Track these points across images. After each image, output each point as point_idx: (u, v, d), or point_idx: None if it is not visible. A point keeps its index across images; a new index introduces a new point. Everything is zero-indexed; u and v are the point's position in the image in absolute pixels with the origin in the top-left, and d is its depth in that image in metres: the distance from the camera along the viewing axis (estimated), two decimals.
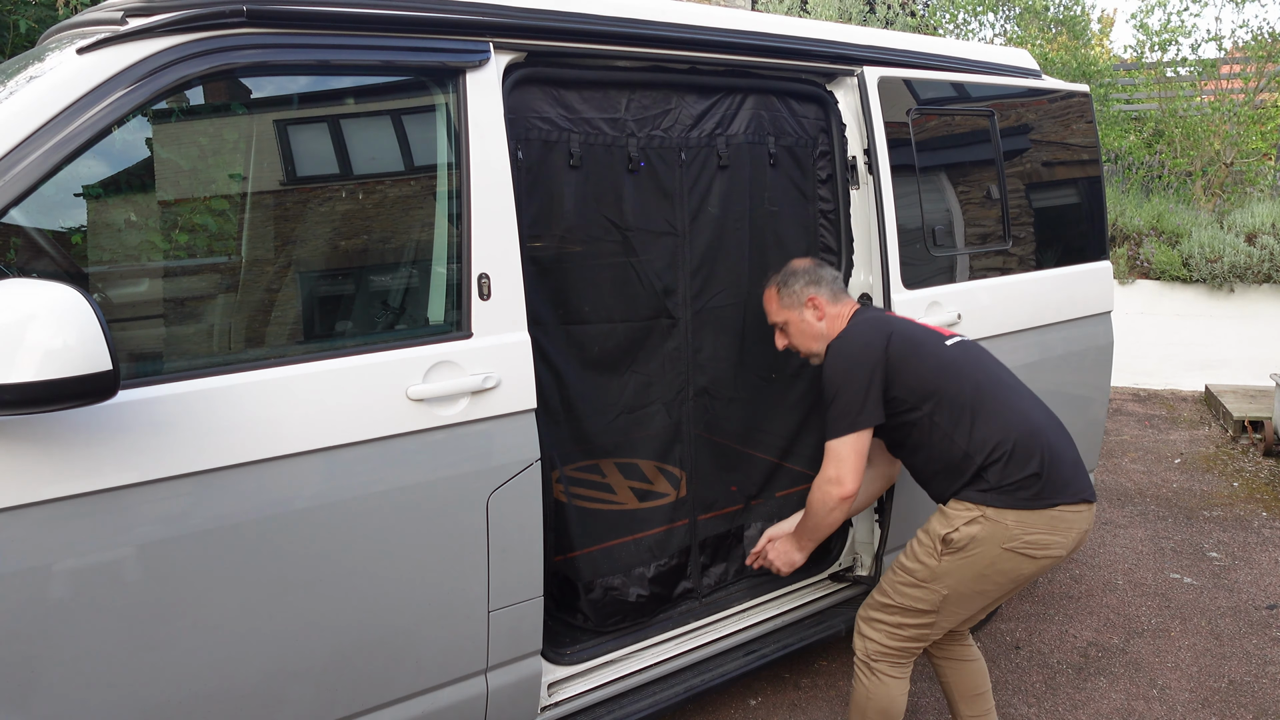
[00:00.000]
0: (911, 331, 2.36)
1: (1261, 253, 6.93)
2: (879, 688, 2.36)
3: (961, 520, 2.22)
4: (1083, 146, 3.59)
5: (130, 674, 1.70)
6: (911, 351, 2.30)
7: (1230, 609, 3.74)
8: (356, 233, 2.08)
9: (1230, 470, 5.43)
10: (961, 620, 2.34)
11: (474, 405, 2.06)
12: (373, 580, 1.95)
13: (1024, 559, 2.19)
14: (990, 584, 2.24)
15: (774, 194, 2.80)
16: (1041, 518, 2.17)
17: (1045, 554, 2.19)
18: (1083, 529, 2.23)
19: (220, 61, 1.77)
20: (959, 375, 2.29)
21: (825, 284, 2.52)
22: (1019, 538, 2.17)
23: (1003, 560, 2.19)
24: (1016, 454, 2.19)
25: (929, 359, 2.30)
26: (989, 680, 2.57)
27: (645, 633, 2.61)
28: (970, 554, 2.20)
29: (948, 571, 2.24)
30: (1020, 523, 2.17)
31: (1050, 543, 2.19)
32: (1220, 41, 9.26)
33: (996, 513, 2.18)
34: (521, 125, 2.26)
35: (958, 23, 11.15)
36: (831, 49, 2.77)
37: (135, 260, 1.89)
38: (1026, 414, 2.26)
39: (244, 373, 1.80)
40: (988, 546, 2.19)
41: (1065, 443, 2.28)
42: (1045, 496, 2.18)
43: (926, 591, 2.28)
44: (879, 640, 2.37)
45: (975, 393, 2.27)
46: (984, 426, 2.23)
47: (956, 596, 2.26)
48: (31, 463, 1.56)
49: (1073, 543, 2.23)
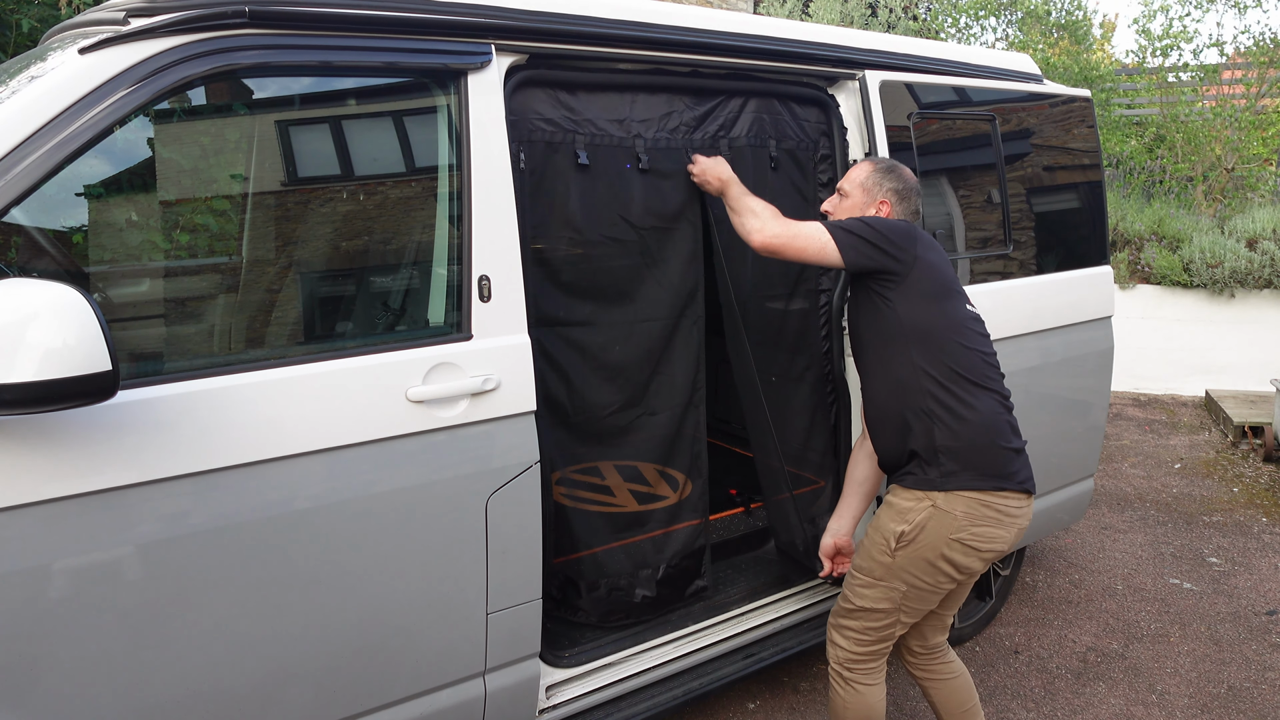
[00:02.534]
0: (944, 275, 2.30)
1: (1262, 258, 6.93)
2: (855, 698, 2.36)
3: (911, 512, 2.23)
4: (1084, 151, 3.59)
5: (129, 674, 1.70)
6: (930, 279, 2.25)
7: (1230, 615, 3.74)
8: (357, 234, 2.08)
9: (1230, 475, 5.43)
10: (919, 616, 2.34)
11: (474, 407, 2.06)
12: (372, 581, 1.95)
13: (970, 551, 2.20)
14: (942, 576, 2.24)
15: (775, 197, 2.79)
16: (989, 507, 2.18)
17: (990, 548, 2.21)
18: (1022, 525, 2.25)
19: (222, 62, 1.77)
20: (963, 337, 2.24)
21: (908, 207, 2.45)
22: (966, 529, 2.18)
23: (951, 551, 2.20)
24: (979, 438, 2.19)
25: (944, 298, 2.25)
26: (975, 694, 2.55)
27: (644, 636, 2.61)
28: (919, 544, 2.21)
29: (901, 566, 2.25)
30: (969, 515, 2.18)
31: (995, 536, 2.20)
32: (1222, 47, 9.26)
33: (946, 499, 2.18)
34: (523, 127, 2.26)
35: (959, 27, 11.16)
36: (833, 53, 2.78)
37: (136, 260, 1.89)
38: (997, 399, 2.26)
39: (244, 373, 1.80)
40: (935, 538, 2.19)
41: (1015, 433, 2.28)
42: (992, 477, 2.18)
43: (885, 590, 2.28)
44: (847, 647, 2.37)
45: (973, 359, 2.24)
46: (960, 396, 2.21)
47: (913, 592, 2.27)
48: (31, 462, 1.56)
49: (1014, 537, 2.25)
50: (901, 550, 2.23)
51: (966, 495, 2.18)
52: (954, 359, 2.22)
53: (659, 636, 2.63)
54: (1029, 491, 2.24)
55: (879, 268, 2.25)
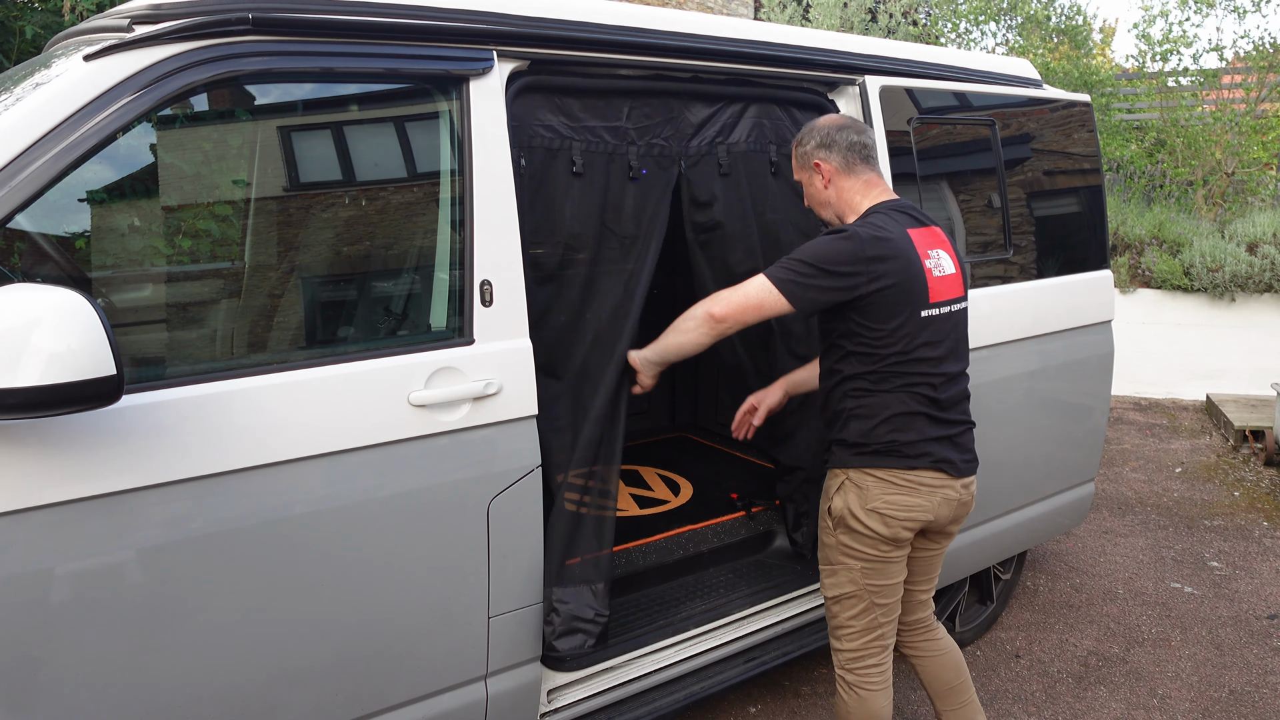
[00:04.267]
0: (905, 284, 2.20)
1: (1263, 262, 6.93)
2: (859, 704, 2.37)
3: (832, 489, 2.32)
4: (1084, 156, 3.60)
5: (132, 677, 1.70)
6: (889, 311, 2.18)
7: (1231, 619, 3.74)
8: (359, 239, 2.09)
9: (1231, 480, 5.43)
10: (893, 596, 2.35)
11: (475, 411, 2.07)
12: (374, 585, 1.96)
13: (889, 519, 2.25)
14: (885, 547, 2.28)
15: (775, 202, 2.81)
16: (897, 477, 2.23)
17: (910, 515, 2.25)
18: (949, 496, 2.28)
19: (226, 69, 1.79)
20: (909, 339, 2.21)
21: (838, 149, 2.32)
22: (880, 498, 2.24)
23: (874, 522, 2.25)
24: (887, 423, 2.23)
25: (901, 319, 2.20)
26: (966, 671, 2.58)
27: (645, 639, 2.61)
28: (851, 526, 2.28)
29: (846, 545, 2.30)
30: (879, 483, 2.24)
31: (912, 504, 2.24)
32: (1222, 51, 9.28)
33: (858, 474, 2.26)
34: (524, 133, 2.27)
35: (959, 32, 11.19)
36: (833, 58, 2.79)
37: (140, 265, 1.90)
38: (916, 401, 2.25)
39: (247, 378, 1.81)
40: (858, 511, 2.26)
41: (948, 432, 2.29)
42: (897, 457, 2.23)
43: (844, 572, 2.32)
44: (842, 646, 2.39)
45: (902, 359, 2.21)
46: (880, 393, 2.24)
47: (868, 569, 2.30)
48: (35, 466, 1.57)
49: (937, 507, 2.27)
50: (840, 532, 2.31)
51: (873, 472, 2.25)
52: (885, 367, 2.23)
53: (660, 640, 2.63)
54: (941, 471, 2.26)
55: (835, 301, 2.18)
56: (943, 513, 2.30)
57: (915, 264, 2.22)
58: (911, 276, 2.20)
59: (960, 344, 2.35)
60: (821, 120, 2.39)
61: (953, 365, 2.30)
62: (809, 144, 2.36)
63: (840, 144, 2.32)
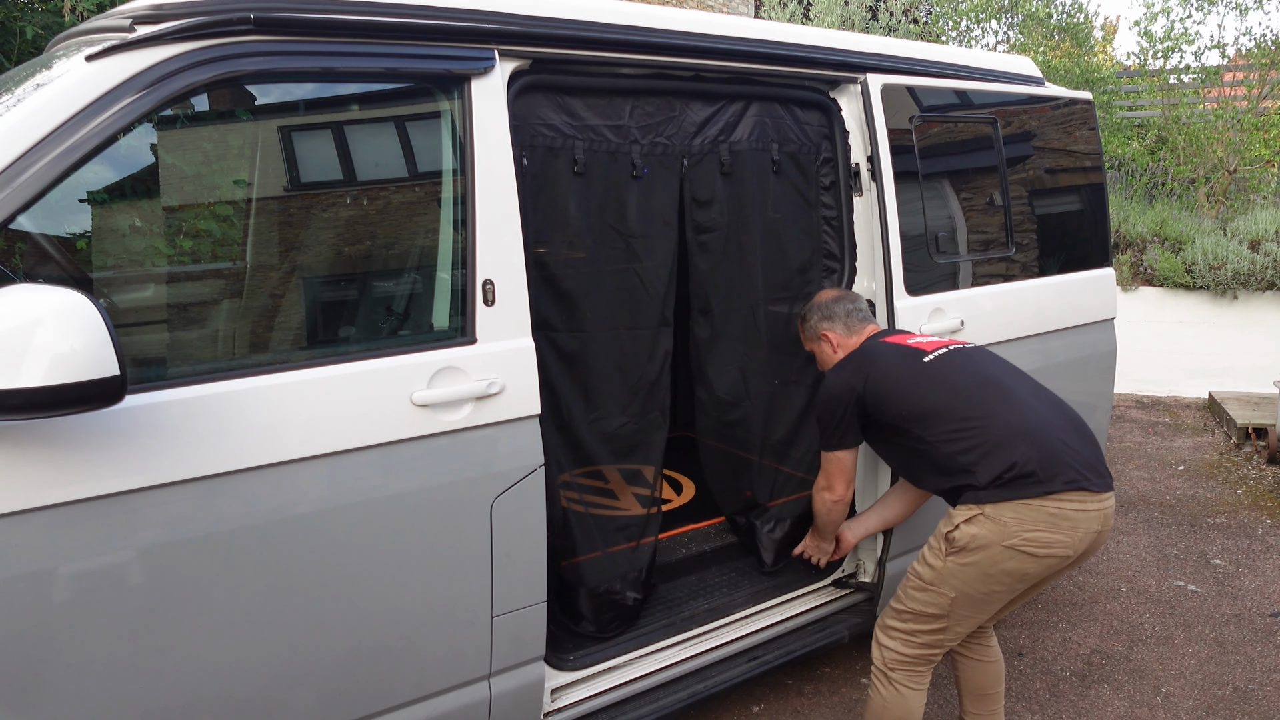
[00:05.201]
0: (889, 368, 2.46)
1: (1265, 260, 6.92)
2: (896, 699, 2.36)
3: (961, 519, 2.23)
4: (1085, 154, 3.60)
5: (134, 678, 1.70)
6: (884, 392, 2.43)
7: (1234, 616, 3.73)
8: (361, 238, 2.09)
9: (1234, 477, 5.42)
10: (974, 625, 2.34)
11: (478, 411, 2.06)
12: (376, 585, 1.96)
13: (1027, 557, 2.18)
14: (997, 584, 2.23)
15: (777, 201, 2.80)
16: (1039, 512, 2.16)
17: (1049, 553, 2.18)
18: (1089, 527, 2.19)
19: (227, 69, 1.78)
20: (936, 388, 2.36)
21: (839, 319, 2.69)
22: (1019, 534, 2.17)
23: (1005, 559, 2.18)
24: (1001, 449, 2.20)
25: (904, 386, 2.41)
26: (1003, 684, 2.58)
27: (648, 639, 2.61)
28: (974, 554, 2.21)
29: (953, 573, 2.24)
30: (1019, 519, 2.17)
31: (1053, 541, 2.17)
32: (1223, 49, 9.26)
33: (994, 509, 2.18)
34: (526, 132, 2.26)
35: (960, 30, 11.17)
36: (835, 56, 2.78)
37: (142, 266, 1.90)
38: (1011, 409, 2.27)
39: (250, 378, 1.81)
40: (990, 545, 2.19)
41: (1061, 433, 2.26)
42: (1034, 485, 2.17)
43: (935, 595, 2.28)
44: (895, 648, 2.37)
45: (955, 398, 2.32)
46: (965, 428, 2.26)
47: (964, 599, 2.26)
48: (38, 467, 1.57)
49: (1079, 541, 2.19)
50: (953, 557, 2.24)
51: (1013, 503, 2.18)
52: (941, 408, 2.33)
53: (663, 639, 2.63)
54: (1084, 489, 2.19)
55: (860, 420, 2.51)
56: (1082, 547, 2.22)
57: (894, 346, 2.53)
58: (889, 358, 2.49)
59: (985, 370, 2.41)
60: (819, 297, 2.76)
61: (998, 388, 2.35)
62: (813, 320, 2.73)
63: (840, 315, 2.70)
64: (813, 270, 2.94)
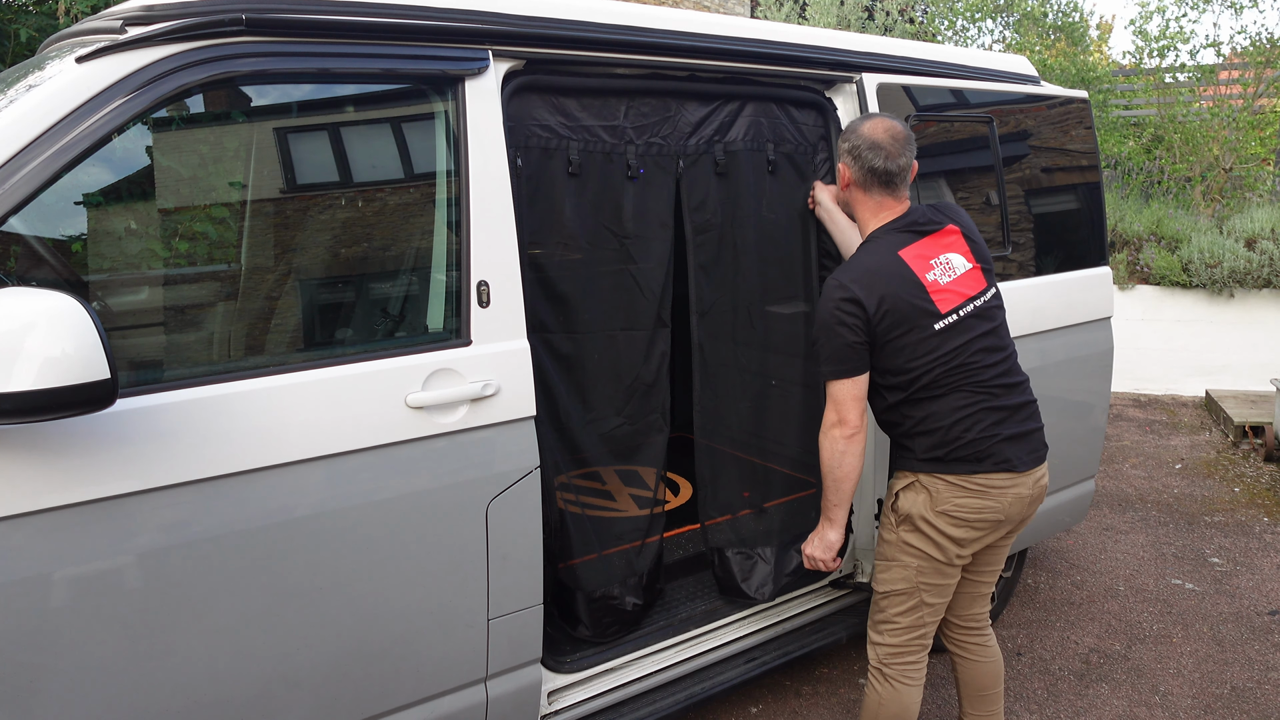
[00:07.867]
0: (901, 311, 2.23)
1: (1261, 258, 6.93)
2: (891, 695, 2.37)
3: (899, 486, 2.33)
4: (1082, 152, 3.60)
5: (130, 682, 1.69)
6: (894, 338, 2.24)
7: (1232, 615, 3.74)
8: (356, 240, 2.08)
9: (1231, 475, 5.42)
10: (946, 595, 2.36)
11: (473, 413, 2.06)
12: (372, 588, 1.95)
13: (961, 523, 2.26)
14: (949, 552, 2.28)
15: (773, 201, 2.80)
16: (967, 481, 2.24)
17: (980, 517, 2.26)
18: (1020, 494, 2.28)
19: (219, 70, 1.77)
20: (930, 356, 2.24)
21: (862, 166, 2.31)
22: (949, 500, 2.24)
23: (944, 524, 2.26)
24: (950, 430, 2.24)
25: (909, 345, 2.24)
26: (1002, 684, 2.58)
27: (645, 640, 2.61)
28: (917, 525, 2.29)
29: (908, 543, 2.31)
30: (950, 488, 2.25)
31: (982, 507, 2.25)
32: (1219, 47, 9.27)
33: (928, 479, 2.27)
34: (521, 133, 2.26)
35: (956, 29, 11.18)
36: (830, 56, 2.78)
37: (134, 268, 1.89)
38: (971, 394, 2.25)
39: (243, 381, 1.80)
40: (927, 511, 2.27)
41: (1010, 420, 2.28)
42: (965, 464, 2.24)
43: (899, 569, 2.33)
44: (883, 640, 2.39)
45: (938, 370, 2.24)
46: (928, 401, 2.27)
47: (926, 568, 2.30)
48: (30, 472, 1.56)
49: (1009, 506, 2.27)
50: (904, 529, 2.31)
51: (943, 477, 2.26)
52: (922, 386, 2.26)
53: (661, 641, 2.63)
54: (1008, 472, 2.25)
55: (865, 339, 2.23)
56: (1014, 511, 2.30)
57: (907, 287, 2.23)
58: (902, 303, 2.22)
59: (991, 333, 2.33)
60: (867, 126, 2.34)
61: (992, 356, 2.30)
62: (845, 143, 2.38)
63: (865, 162, 2.31)
64: (809, 270, 2.93)
